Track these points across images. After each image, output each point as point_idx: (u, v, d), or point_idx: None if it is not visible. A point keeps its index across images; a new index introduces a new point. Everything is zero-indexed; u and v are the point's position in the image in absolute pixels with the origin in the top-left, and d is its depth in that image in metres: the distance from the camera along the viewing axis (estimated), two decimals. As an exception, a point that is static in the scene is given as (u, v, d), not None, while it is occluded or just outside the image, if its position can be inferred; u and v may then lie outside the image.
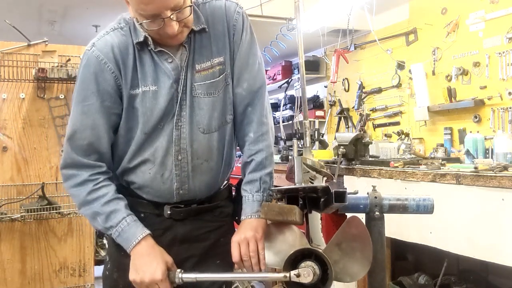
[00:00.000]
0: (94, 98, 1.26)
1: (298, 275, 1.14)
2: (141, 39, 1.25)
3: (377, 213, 1.29)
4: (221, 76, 1.32)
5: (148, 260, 1.23)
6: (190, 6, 1.21)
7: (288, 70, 4.78)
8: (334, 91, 4.44)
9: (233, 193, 1.49)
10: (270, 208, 1.23)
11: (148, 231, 1.27)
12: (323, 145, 3.56)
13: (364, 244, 1.19)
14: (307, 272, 1.14)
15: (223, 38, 1.33)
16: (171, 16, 1.17)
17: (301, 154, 2.36)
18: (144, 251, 1.24)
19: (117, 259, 1.36)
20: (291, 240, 1.24)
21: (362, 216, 1.27)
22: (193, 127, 1.30)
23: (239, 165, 1.45)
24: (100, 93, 1.26)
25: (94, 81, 1.26)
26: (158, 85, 1.27)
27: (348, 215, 1.25)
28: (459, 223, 2.00)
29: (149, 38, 1.25)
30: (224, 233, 1.42)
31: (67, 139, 1.29)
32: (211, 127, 1.33)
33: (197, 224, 1.38)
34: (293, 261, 1.17)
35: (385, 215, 1.30)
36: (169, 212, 1.35)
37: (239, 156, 1.58)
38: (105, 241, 3.52)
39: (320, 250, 1.18)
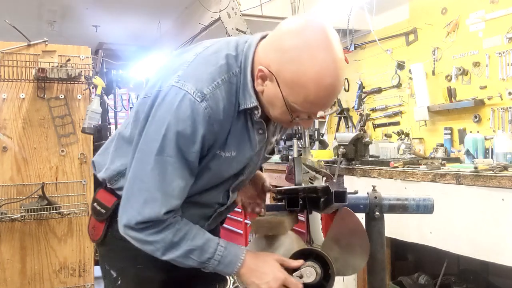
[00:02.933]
0: (191, 157, 1.11)
1: (301, 276, 1.14)
2: (250, 106, 1.13)
3: (377, 213, 1.29)
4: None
5: (262, 270, 1.16)
6: None
7: (288, 70, 4.77)
8: (334, 91, 4.43)
9: None
10: (260, 225, 1.25)
11: (243, 246, 1.21)
12: (323, 145, 3.56)
13: (361, 236, 1.20)
14: (309, 271, 1.14)
15: None
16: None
17: (301, 154, 2.37)
18: (253, 265, 1.17)
19: (136, 274, 1.27)
20: (287, 244, 1.24)
21: (362, 216, 1.27)
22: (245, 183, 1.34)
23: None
24: (195, 155, 1.11)
25: (198, 142, 1.09)
26: (238, 152, 1.19)
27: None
28: (459, 223, 2.00)
29: (259, 109, 1.15)
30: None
31: (145, 203, 1.11)
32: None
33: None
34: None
35: (385, 215, 1.30)
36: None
37: None
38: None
39: (319, 248, 1.18)
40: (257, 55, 1.13)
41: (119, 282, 1.28)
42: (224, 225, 5.11)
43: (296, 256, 1.18)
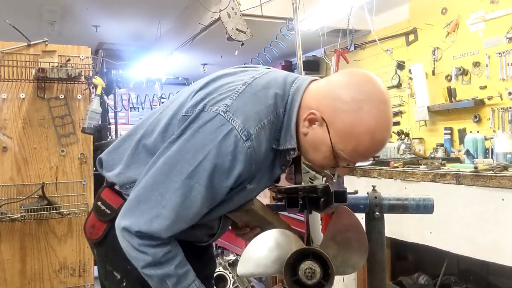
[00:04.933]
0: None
1: (301, 278, 1.14)
2: (289, 147, 1.14)
3: (377, 213, 1.29)
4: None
5: None
6: None
7: (288, 70, 4.77)
8: (334, 91, 4.43)
9: None
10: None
11: None
12: (323, 145, 3.56)
13: (358, 232, 1.20)
14: (309, 271, 1.14)
15: None
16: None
17: (301, 154, 2.36)
18: None
19: (141, 276, 1.24)
20: (285, 244, 1.24)
21: (362, 216, 1.27)
22: None
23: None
24: (225, 190, 1.11)
25: (232, 178, 1.08)
26: (258, 184, 1.19)
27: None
28: (459, 223, 2.00)
29: (296, 151, 1.17)
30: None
31: (156, 217, 1.10)
32: None
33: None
34: (292, 264, 1.17)
35: (385, 215, 1.30)
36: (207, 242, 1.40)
37: None
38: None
39: (317, 248, 1.18)
40: (306, 99, 1.14)
41: (124, 284, 1.27)
42: (224, 225, 5.00)
43: (295, 256, 1.18)
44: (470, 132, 2.92)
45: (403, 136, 3.37)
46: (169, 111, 1.20)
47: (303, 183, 1.37)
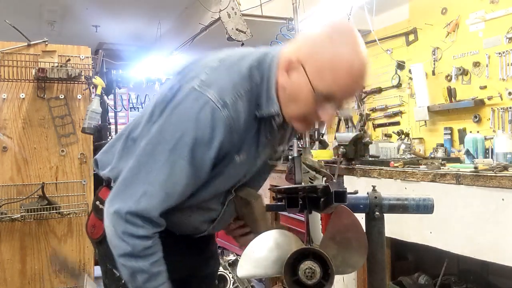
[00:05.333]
0: (204, 163, 1.11)
1: (301, 279, 1.14)
2: (272, 113, 1.15)
3: (377, 213, 1.29)
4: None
5: None
6: None
7: (288, 70, 4.77)
8: (334, 91, 4.43)
9: None
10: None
11: None
12: (323, 145, 3.56)
13: (357, 231, 1.19)
14: (309, 271, 1.14)
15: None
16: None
17: (301, 154, 2.37)
18: None
19: None
20: (285, 244, 1.24)
21: (362, 216, 1.27)
22: (252, 187, 1.33)
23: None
24: (209, 162, 1.12)
25: (214, 149, 1.09)
26: (247, 156, 1.19)
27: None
28: (459, 223, 2.00)
29: (280, 116, 1.16)
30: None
31: (143, 195, 1.11)
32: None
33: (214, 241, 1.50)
34: (292, 264, 1.17)
35: (385, 215, 1.30)
36: (197, 236, 1.37)
37: None
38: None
39: (317, 248, 1.18)
40: (281, 60, 1.14)
41: (122, 281, 1.28)
42: (224, 225, 4.98)
43: (295, 256, 1.18)
44: (470, 132, 2.92)
45: (403, 136, 3.37)
46: (152, 102, 1.23)
47: (303, 183, 1.37)
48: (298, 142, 2.79)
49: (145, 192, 1.10)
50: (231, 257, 3.34)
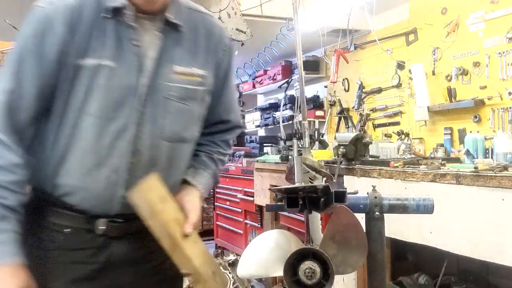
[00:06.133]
0: (32, 60, 1.04)
1: (301, 279, 1.14)
2: (117, 4, 1.06)
3: (377, 213, 1.29)
4: (200, 89, 1.18)
5: None
6: None
7: (288, 70, 4.78)
8: (334, 91, 4.44)
9: None
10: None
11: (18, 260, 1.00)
12: (323, 145, 3.56)
13: (357, 231, 1.19)
14: (309, 271, 1.14)
15: (209, 56, 1.20)
16: None
17: (301, 154, 2.37)
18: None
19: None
20: (285, 244, 1.24)
21: (362, 216, 1.27)
22: (155, 130, 1.11)
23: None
24: (40, 56, 1.04)
25: (36, 41, 1.03)
26: (118, 63, 1.07)
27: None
28: (459, 223, 2.00)
29: (127, 6, 1.06)
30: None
31: None
32: (176, 137, 1.15)
33: (137, 243, 1.16)
34: (292, 264, 1.17)
35: (385, 215, 1.30)
36: (103, 227, 1.11)
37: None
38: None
39: (317, 248, 1.18)
40: None
41: None
42: (224, 225, 5.13)
43: (295, 256, 1.18)
44: (470, 132, 2.92)
45: (403, 136, 3.37)
46: None
47: (303, 183, 1.38)
48: (298, 142, 2.79)
49: None
50: (231, 257, 3.34)
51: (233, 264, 3.25)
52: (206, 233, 4.83)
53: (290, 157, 3.24)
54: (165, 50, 1.12)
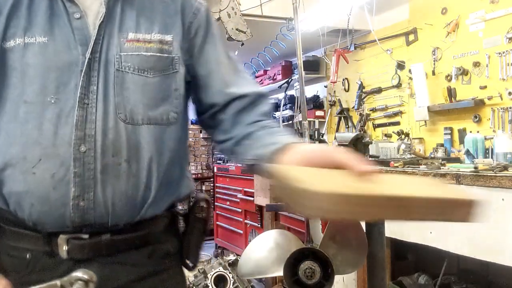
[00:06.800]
0: None
1: (301, 278, 1.14)
2: None
3: (377, 213, 1.29)
4: (163, 56, 0.95)
5: None
6: None
7: (288, 70, 4.78)
8: (334, 91, 4.44)
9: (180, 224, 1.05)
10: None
11: None
12: (323, 145, 3.56)
13: (357, 231, 1.20)
14: (309, 271, 1.14)
15: (171, 19, 0.99)
16: None
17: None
18: None
19: None
20: (285, 244, 1.24)
21: (362, 216, 1.27)
22: (109, 110, 0.90)
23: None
24: None
25: None
26: (50, 38, 0.90)
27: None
28: (459, 223, 2.00)
29: None
30: (163, 285, 0.95)
31: None
32: (138, 117, 0.92)
33: (113, 268, 0.89)
34: (292, 264, 1.17)
35: (385, 215, 1.30)
36: (65, 247, 0.86)
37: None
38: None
39: (317, 248, 1.18)
40: None
41: None
42: (224, 225, 5.12)
43: (295, 256, 1.18)
44: (470, 132, 2.92)
45: (403, 136, 3.37)
46: None
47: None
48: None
49: None
50: (231, 257, 3.34)
51: (233, 264, 3.25)
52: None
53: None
54: (111, 15, 0.93)
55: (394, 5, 3.63)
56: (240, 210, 4.30)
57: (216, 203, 4.89)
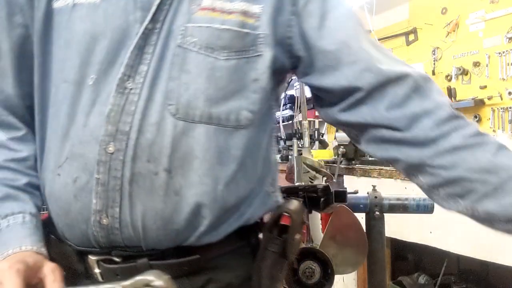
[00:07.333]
0: None
1: (301, 278, 1.14)
2: None
3: (377, 213, 1.29)
4: (243, 31, 0.70)
5: None
6: None
7: (288, 70, 4.77)
8: (334, 91, 4.44)
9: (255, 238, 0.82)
10: None
11: (29, 247, 0.66)
12: (323, 145, 3.56)
13: (357, 231, 1.20)
14: (309, 271, 1.14)
15: None
16: None
17: (301, 154, 2.37)
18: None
19: None
20: None
21: (362, 216, 1.27)
22: (155, 98, 0.67)
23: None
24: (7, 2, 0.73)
25: None
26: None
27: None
28: (459, 223, 2.00)
29: None
30: None
31: None
32: (195, 112, 0.68)
33: None
34: (292, 264, 1.17)
35: (385, 215, 1.30)
36: (97, 270, 0.70)
37: None
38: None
39: (317, 248, 1.18)
40: None
41: None
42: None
43: (294, 255, 1.18)
44: (470, 132, 2.92)
45: (403, 136, 3.36)
46: None
47: (303, 183, 1.38)
48: (298, 142, 2.79)
49: None
50: (231, 257, 3.33)
51: (233, 264, 3.24)
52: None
53: (290, 156, 3.24)
54: None
55: (394, 5, 3.63)
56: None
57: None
